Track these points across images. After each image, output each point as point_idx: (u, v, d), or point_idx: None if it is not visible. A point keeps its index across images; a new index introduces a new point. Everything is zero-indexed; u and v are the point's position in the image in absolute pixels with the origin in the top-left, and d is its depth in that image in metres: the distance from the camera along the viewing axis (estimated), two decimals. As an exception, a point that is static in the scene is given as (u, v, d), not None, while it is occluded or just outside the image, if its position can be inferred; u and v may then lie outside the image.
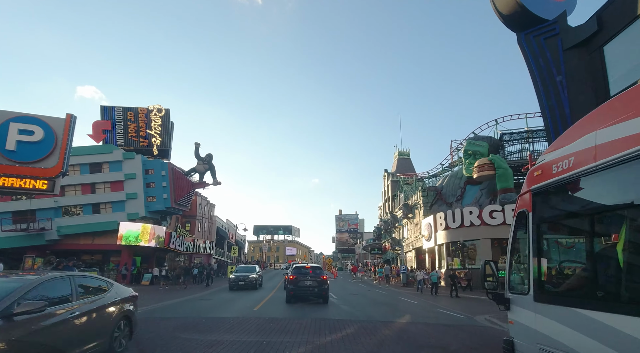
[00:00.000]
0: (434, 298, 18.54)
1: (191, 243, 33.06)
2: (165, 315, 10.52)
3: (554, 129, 12.92)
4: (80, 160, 25.72)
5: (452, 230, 27.37)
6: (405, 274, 27.99)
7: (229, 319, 9.77)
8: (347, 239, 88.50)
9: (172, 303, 13.68)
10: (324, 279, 14.18)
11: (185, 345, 6.58)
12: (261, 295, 17.73)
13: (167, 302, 14.08)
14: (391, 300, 17.18)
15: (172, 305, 13.32)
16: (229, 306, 13.07)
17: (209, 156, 29.39)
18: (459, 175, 31.27)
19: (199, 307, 12.68)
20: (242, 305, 13.45)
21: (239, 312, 11.31)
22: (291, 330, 8.16)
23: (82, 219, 25.40)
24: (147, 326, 8.36)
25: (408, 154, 51.45)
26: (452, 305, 15.32)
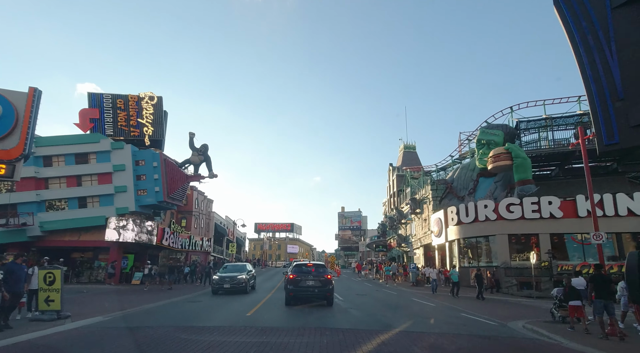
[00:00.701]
0: (453, 299, 16.61)
1: (187, 240, 31.25)
2: (133, 324, 8.61)
3: (602, 104, 10.93)
4: (65, 150, 23.91)
5: (465, 225, 25.45)
6: (414, 272, 26.09)
7: (211, 330, 7.87)
8: (350, 237, 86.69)
9: (150, 308, 11.78)
10: (328, 279, 12.33)
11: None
12: (257, 296, 15.88)
13: (146, 305, 12.18)
14: (404, 301, 15.30)
15: (150, 310, 11.41)
16: (216, 311, 11.21)
17: (205, 147, 27.53)
18: (470, 166, 29.32)
19: (181, 313, 10.78)
20: (234, 309, 11.60)
21: (227, 320, 9.45)
22: (290, 349, 6.28)
23: (68, 214, 23.61)
24: (102, 340, 6.50)
25: (414, 148, 49.47)
26: (476, 308, 13.42)
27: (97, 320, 8.77)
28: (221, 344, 6.46)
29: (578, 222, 21.96)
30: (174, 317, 9.75)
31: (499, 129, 26.48)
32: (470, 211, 24.89)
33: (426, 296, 18.12)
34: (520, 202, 22.85)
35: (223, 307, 11.89)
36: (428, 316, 11.14)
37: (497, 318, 10.92)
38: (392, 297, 17.62)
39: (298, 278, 12.14)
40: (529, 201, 22.75)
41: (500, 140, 25.95)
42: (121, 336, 7.36)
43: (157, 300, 13.65)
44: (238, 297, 15.32)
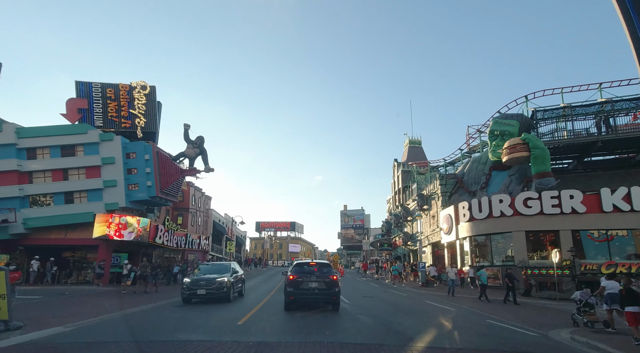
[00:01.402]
0: (473, 303, 14.89)
1: (183, 238, 29.73)
2: (92, 337, 6.97)
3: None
4: (50, 142, 22.37)
5: (477, 221, 23.77)
6: (424, 272, 24.45)
7: (187, 346, 6.20)
8: (352, 235, 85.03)
9: (126, 314, 10.06)
10: (334, 280, 10.72)
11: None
12: (253, 300, 14.26)
13: (120, 311, 10.46)
14: (418, 305, 13.66)
15: (127, 317, 9.75)
16: (200, 318, 9.54)
17: (200, 139, 25.94)
18: (482, 159, 27.63)
19: (158, 321, 9.02)
20: (222, 316, 9.96)
21: (212, 331, 7.85)
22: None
23: (53, 210, 22.07)
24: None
25: (420, 142, 47.75)
26: (501, 313, 11.78)
27: (53, 332, 7.19)
28: (209, 350, 4.85)
29: (602, 218, 20.28)
30: (147, 329, 8.06)
31: (514, 119, 24.78)
32: (484, 206, 23.21)
33: (440, 298, 16.46)
34: (538, 197, 21.16)
35: (209, 314, 10.26)
36: (453, 324, 9.51)
37: (532, 325, 9.30)
38: (403, 299, 16.00)
39: (299, 279, 10.54)
40: (548, 195, 21.06)
41: (516, 131, 24.26)
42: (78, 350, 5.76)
43: (136, 305, 12.03)
44: (230, 302, 13.70)
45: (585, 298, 9.40)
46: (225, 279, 13.01)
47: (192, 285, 12.65)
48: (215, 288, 12.66)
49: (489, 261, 23.39)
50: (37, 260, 20.88)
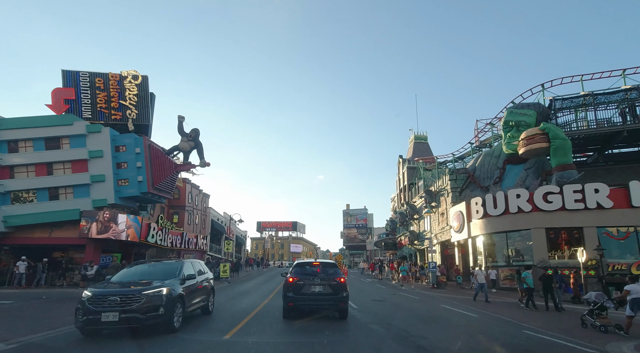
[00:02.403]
0: (501, 309, 13.15)
1: (178, 238, 28.22)
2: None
3: None
4: (33, 134, 20.88)
5: (492, 218, 22.12)
6: (434, 273, 22.81)
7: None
8: (355, 235, 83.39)
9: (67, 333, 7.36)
10: (342, 283, 9.12)
11: None
12: (249, 304, 12.66)
13: (59, 329, 7.65)
14: (437, 311, 12.01)
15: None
16: (182, 330, 7.93)
17: (195, 131, 24.37)
18: (495, 153, 25.96)
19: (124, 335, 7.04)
20: (206, 327, 8.35)
21: (189, 348, 6.23)
22: None
23: (37, 207, 20.56)
24: None
25: (425, 138, 46.08)
26: (537, 321, 10.13)
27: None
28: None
29: (631, 213, 18.61)
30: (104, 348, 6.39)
31: (530, 108, 23.10)
32: (499, 202, 21.56)
33: (457, 302, 14.81)
34: (560, 191, 19.49)
35: (190, 323, 8.64)
36: (488, 338, 7.86)
37: (580, 338, 7.68)
38: (418, 304, 14.37)
39: (300, 282, 8.95)
40: (570, 189, 19.39)
41: (533, 121, 22.60)
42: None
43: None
44: (217, 302, 12.07)
45: (602, 300, 9.04)
46: (162, 291, 7.17)
47: (93, 303, 6.80)
48: (140, 309, 6.77)
49: (504, 261, 21.74)
50: (24, 261, 19.25)
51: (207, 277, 10.12)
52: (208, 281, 10.14)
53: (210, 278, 10.48)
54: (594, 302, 9.17)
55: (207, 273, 10.37)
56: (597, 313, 8.94)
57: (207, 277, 10.16)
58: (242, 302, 13.36)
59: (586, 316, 9.32)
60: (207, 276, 10.22)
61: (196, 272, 9.20)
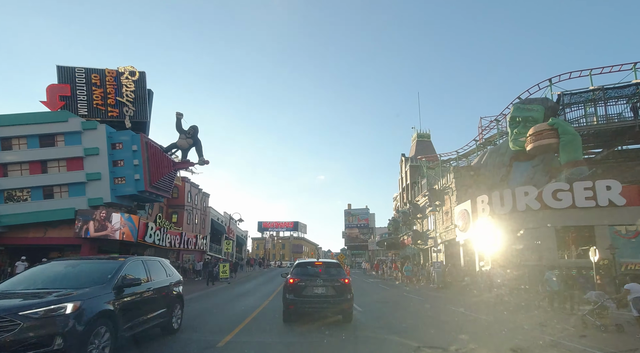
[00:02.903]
0: (537, 315, 12.46)
1: (177, 237, 27.67)
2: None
3: None
4: (27, 131, 20.35)
5: (499, 216, 21.45)
6: (440, 273, 22.16)
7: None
8: (357, 235, 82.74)
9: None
10: (346, 284, 8.52)
11: None
12: (248, 306, 12.06)
13: None
14: (450, 315, 11.35)
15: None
16: (172, 334, 7.32)
17: (194, 128, 23.81)
18: (501, 150, 25.35)
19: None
20: (203, 331, 7.74)
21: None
22: None
23: (31, 206, 20.04)
24: None
25: (428, 136, 45.43)
26: (560, 328, 9.48)
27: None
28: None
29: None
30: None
31: (538, 104, 22.49)
32: (507, 200, 20.89)
33: (467, 304, 14.15)
34: (570, 188, 18.81)
35: (182, 325, 8.03)
36: (512, 342, 7.21)
37: (614, 348, 7.02)
38: (424, 305, 13.72)
39: (301, 283, 8.35)
40: (580, 186, 18.71)
41: (540, 117, 21.98)
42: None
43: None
44: (214, 304, 11.49)
45: (602, 300, 8.99)
46: (62, 309, 4.46)
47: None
48: (11, 343, 4.04)
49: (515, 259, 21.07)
50: (24, 262, 18.56)
51: (169, 281, 7.31)
52: (171, 287, 7.33)
53: (175, 282, 7.62)
54: (594, 302, 9.11)
55: (171, 276, 7.60)
56: (598, 313, 8.87)
57: (170, 282, 7.35)
58: (240, 304, 12.77)
59: (587, 316, 9.21)
60: (170, 280, 7.42)
61: (149, 275, 6.58)
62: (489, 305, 13.73)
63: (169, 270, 7.64)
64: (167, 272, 7.53)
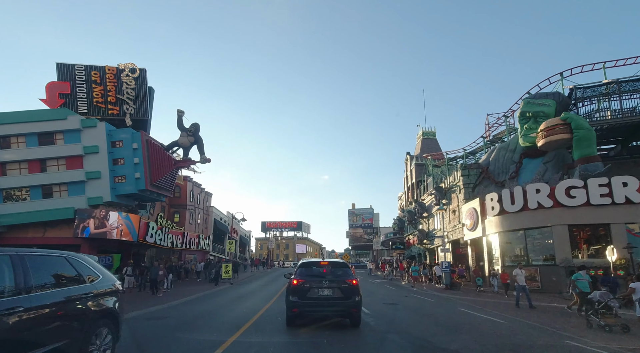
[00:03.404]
0: (531, 314, 11.82)
1: (179, 237, 27.22)
2: None
3: None
4: (25, 129, 20.00)
5: (509, 215, 20.78)
6: (448, 273, 21.51)
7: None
8: (361, 235, 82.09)
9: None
10: (354, 285, 7.94)
11: None
12: (249, 308, 11.52)
13: None
14: (462, 318, 10.73)
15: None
16: (160, 340, 6.79)
17: (195, 126, 23.32)
18: (510, 146, 24.61)
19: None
20: (195, 337, 7.18)
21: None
22: None
23: (30, 205, 19.67)
24: None
25: (434, 134, 44.69)
26: (582, 330, 8.83)
27: None
28: None
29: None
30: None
31: (549, 98, 21.75)
32: (517, 197, 20.21)
33: (479, 306, 13.51)
34: (584, 185, 18.10)
35: (177, 332, 7.49)
36: (530, 348, 6.60)
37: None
38: (434, 307, 13.11)
39: (306, 285, 7.78)
40: (595, 183, 18.00)
41: (552, 111, 21.26)
42: None
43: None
44: (214, 306, 10.97)
45: (606, 299, 8.82)
46: None
47: None
48: None
49: (524, 260, 20.37)
50: None
51: (83, 291, 4.55)
52: (89, 301, 4.59)
53: (102, 293, 4.91)
54: (598, 301, 8.93)
55: (95, 283, 4.89)
56: (602, 313, 8.73)
57: (88, 292, 4.62)
58: (242, 306, 12.24)
59: (591, 316, 9.07)
60: (89, 289, 4.69)
61: (24, 281, 3.69)
62: (509, 307, 13.05)
63: (86, 272, 4.83)
64: (82, 275, 4.72)
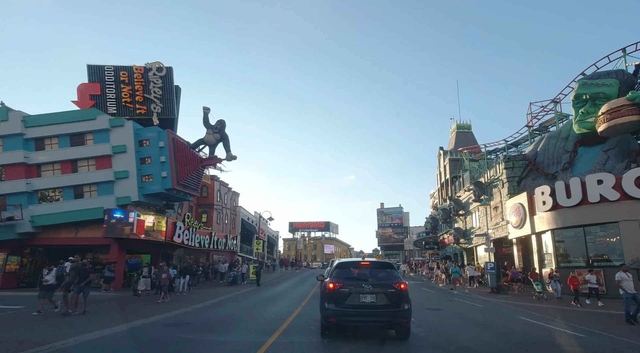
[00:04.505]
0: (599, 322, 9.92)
1: (207, 238, 26.89)
2: None
3: None
4: (58, 131, 20.24)
5: (564, 210, 18.52)
6: (493, 275, 19.50)
7: None
8: (391, 234, 79.63)
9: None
10: (402, 290, 6.59)
11: None
12: (274, 318, 10.45)
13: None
14: (532, 330, 9.08)
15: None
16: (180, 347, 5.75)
17: (221, 123, 22.78)
18: (562, 134, 22.15)
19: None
20: (227, 348, 6.14)
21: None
22: None
23: (62, 206, 19.86)
24: None
25: (469, 127, 41.94)
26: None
27: None
28: None
29: None
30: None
31: (611, 77, 19.23)
32: (574, 190, 17.94)
33: (540, 313, 11.67)
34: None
35: (194, 337, 6.48)
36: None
37: None
38: (488, 315, 11.46)
39: (344, 289, 6.53)
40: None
41: (614, 92, 18.77)
42: None
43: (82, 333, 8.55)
44: (242, 315, 9.96)
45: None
46: None
47: None
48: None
49: (583, 261, 18.01)
50: (72, 262, 18.01)
51: None
52: None
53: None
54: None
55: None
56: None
57: None
58: (269, 310, 11.23)
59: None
60: None
61: None
62: (589, 319, 11.12)
63: None
64: None
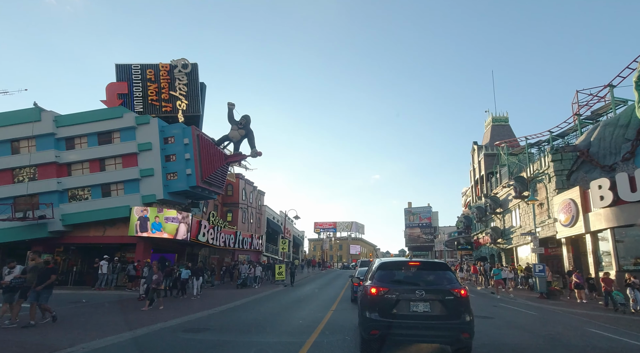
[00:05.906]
0: None
1: (232, 237, 26.46)
2: None
3: None
4: (87, 130, 20.36)
5: (628, 205, 16.39)
6: (543, 279, 17.57)
7: None
8: (419, 235, 76.96)
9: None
10: (462, 296, 5.33)
11: None
12: (301, 325, 9.41)
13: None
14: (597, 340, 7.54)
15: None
16: None
17: (246, 118, 22.17)
18: (621, 122, 19.73)
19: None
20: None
21: None
22: None
23: (90, 204, 19.94)
24: None
25: (506, 120, 39.20)
26: None
27: None
28: None
29: None
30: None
31: (680, 53, 16.74)
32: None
33: (610, 324, 9.94)
34: None
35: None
36: None
37: None
38: (548, 325, 9.89)
39: (391, 296, 5.35)
40: None
41: (685, 70, 16.30)
42: None
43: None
44: (264, 320, 9.00)
45: None
46: None
47: None
48: None
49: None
50: (107, 261, 17.88)
51: None
52: None
53: None
54: None
55: None
56: None
57: None
58: (296, 314, 10.25)
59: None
60: None
61: None
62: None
63: None
64: None
